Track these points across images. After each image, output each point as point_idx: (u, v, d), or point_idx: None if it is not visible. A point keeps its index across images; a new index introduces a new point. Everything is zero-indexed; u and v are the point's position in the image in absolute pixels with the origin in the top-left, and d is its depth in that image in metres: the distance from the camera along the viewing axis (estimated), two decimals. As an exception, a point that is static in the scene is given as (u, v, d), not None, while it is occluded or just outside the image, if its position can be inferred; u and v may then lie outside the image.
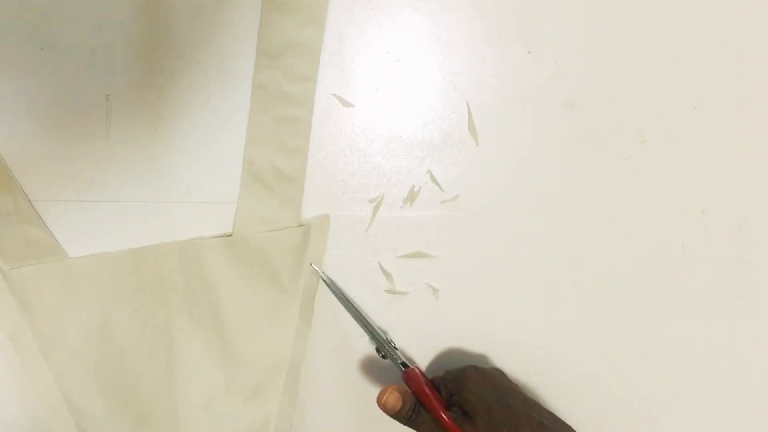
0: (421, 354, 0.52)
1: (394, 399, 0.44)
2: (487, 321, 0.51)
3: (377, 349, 0.49)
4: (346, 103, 0.50)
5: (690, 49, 0.52)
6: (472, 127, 0.49)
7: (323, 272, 0.50)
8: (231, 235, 0.49)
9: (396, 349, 0.48)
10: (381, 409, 0.45)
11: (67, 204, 0.48)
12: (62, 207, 0.48)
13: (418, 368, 0.47)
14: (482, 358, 0.52)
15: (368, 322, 0.49)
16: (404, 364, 0.47)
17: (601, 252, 0.52)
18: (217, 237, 0.49)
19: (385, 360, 0.48)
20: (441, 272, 0.51)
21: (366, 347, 0.51)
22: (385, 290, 0.51)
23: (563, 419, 0.45)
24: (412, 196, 0.51)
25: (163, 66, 0.48)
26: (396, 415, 0.45)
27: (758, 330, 0.53)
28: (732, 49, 0.52)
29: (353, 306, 0.49)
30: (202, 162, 0.49)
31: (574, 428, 0.44)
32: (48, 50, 0.47)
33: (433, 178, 0.50)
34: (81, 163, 0.48)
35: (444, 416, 0.44)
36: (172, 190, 0.49)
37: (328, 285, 0.49)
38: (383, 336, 0.49)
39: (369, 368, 0.51)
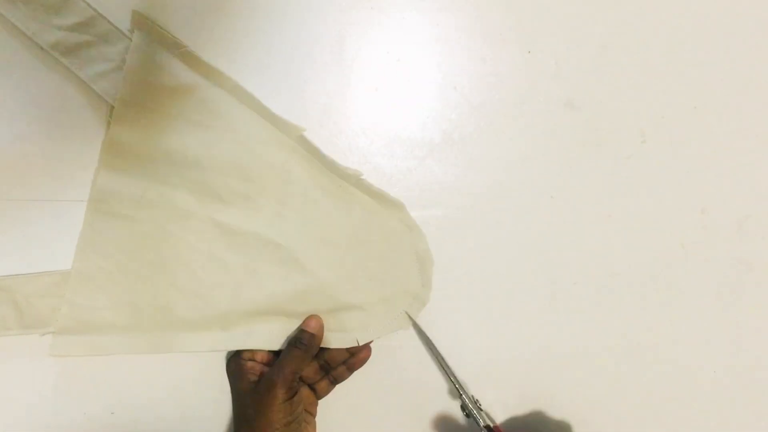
0: (417, 346, 0.52)
1: None
2: (486, 320, 0.51)
3: (462, 407, 0.48)
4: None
5: (690, 49, 0.52)
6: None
7: (416, 322, 0.49)
8: None
9: (481, 409, 0.47)
10: None
11: (66, 204, 0.48)
12: (62, 207, 0.48)
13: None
14: (474, 356, 0.52)
15: (455, 377, 0.48)
16: (488, 428, 0.46)
17: (601, 252, 0.52)
18: None
19: (468, 419, 0.48)
20: (441, 271, 0.51)
21: (446, 402, 0.50)
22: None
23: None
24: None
25: (163, 66, 0.48)
26: None
27: (758, 330, 0.53)
28: (732, 49, 0.52)
29: (442, 358, 0.49)
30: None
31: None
32: (48, 50, 0.47)
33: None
34: (81, 163, 0.48)
35: None
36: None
37: (420, 333, 0.49)
38: (469, 393, 0.48)
39: (449, 427, 0.50)
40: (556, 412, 0.51)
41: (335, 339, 0.48)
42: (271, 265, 0.48)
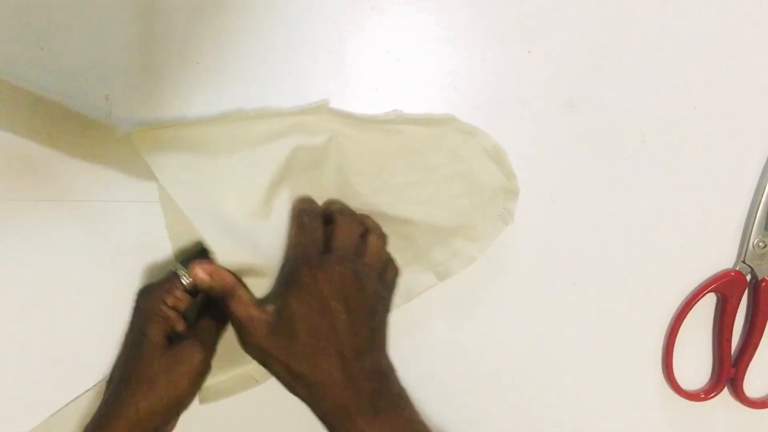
0: (415, 346, 0.52)
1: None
2: (484, 320, 0.52)
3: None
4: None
5: (690, 49, 0.52)
6: None
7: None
8: None
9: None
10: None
11: (66, 204, 0.48)
12: (62, 207, 0.48)
13: None
14: (476, 357, 0.52)
15: None
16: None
17: (601, 252, 0.52)
18: None
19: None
20: (441, 272, 0.51)
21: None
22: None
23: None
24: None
25: (163, 66, 0.48)
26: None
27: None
28: (732, 49, 0.52)
29: None
30: (202, 162, 0.49)
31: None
32: (48, 50, 0.47)
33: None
34: (80, 163, 0.48)
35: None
36: (172, 190, 0.49)
37: None
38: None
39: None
40: (554, 410, 0.51)
41: (456, 265, 0.50)
42: None
